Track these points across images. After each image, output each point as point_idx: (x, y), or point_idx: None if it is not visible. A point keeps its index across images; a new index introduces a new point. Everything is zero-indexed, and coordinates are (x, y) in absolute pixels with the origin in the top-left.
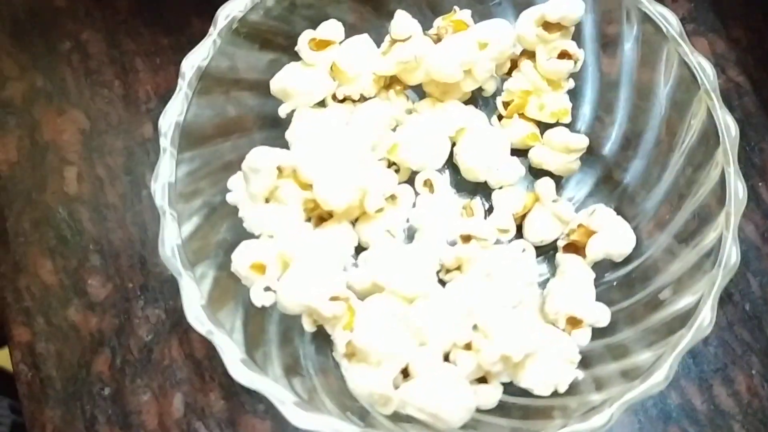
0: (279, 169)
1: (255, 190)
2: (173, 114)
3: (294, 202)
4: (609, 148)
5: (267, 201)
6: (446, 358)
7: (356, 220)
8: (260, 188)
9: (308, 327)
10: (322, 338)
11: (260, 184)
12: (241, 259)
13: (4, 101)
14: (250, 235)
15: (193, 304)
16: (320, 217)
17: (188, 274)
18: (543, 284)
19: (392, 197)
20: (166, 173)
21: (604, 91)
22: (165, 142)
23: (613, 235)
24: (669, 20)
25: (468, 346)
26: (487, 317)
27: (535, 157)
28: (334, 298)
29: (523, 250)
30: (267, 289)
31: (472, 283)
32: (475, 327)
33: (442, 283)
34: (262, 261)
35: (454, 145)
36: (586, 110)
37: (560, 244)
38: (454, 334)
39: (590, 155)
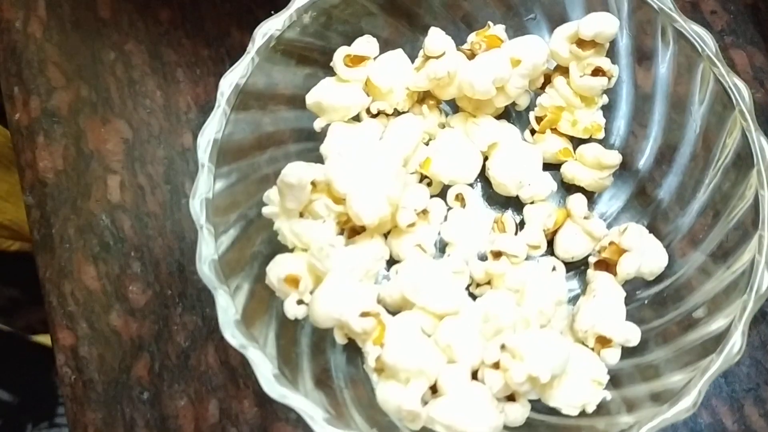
0: (313, 183)
1: (290, 205)
2: (211, 131)
3: (327, 216)
4: (643, 163)
5: (301, 215)
6: (474, 375)
7: (388, 233)
8: (295, 203)
9: (340, 339)
10: (353, 350)
11: (295, 198)
12: (276, 272)
13: (51, 111)
14: (285, 248)
15: (227, 319)
16: (353, 230)
17: (224, 288)
18: (573, 300)
19: (424, 212)
20: (203, 189)
21: (638, 106)
22: (203, 158)
23: (644, 254)
24: (704, 40)
25: (496, 365)
26: (515, 336)
27: (568, 173)
28: (365, 314)
29: (554, 269)
30: (300, 302)
31: (502, 300)
32: (503, 347)
33: (473, 296)
34: (295, 274)
35: (486, 159)
36: (620, 124)
37: (591, 260)
38: (482, 352)
39: (623, 170)
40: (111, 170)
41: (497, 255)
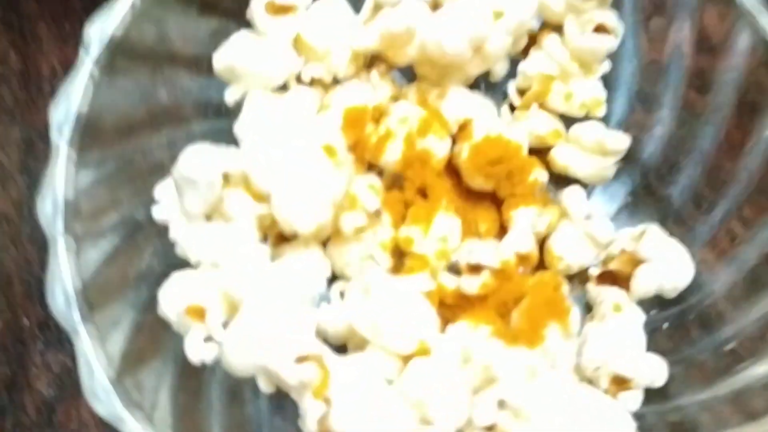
0: (224, 176)
1: (191, 204)
2: (72, 101)
3: (245, 219)
4: (650, 152)
5: (208, 218)
6: None
7: (328, 241)
8: (199, 201)
9: (265, 388)
10: (284, 399)
11: (199, 196)
12: (172, 298)
13: None
14: (186, 264)
15: (92, 376)
16: (281, 237)
17: (88, 328)
18: None
19: (376, 213)
20: (60, 184)
21: (646, 78)
22: (59, 139)
23: (667, 265)
24: None
25: (490, 429)
26: (516, 388)
27: (559, 160)
28: (301, 359)
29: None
30: (208, 339)
31: (485, 334)
32: (501, 404)
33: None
34: (200, 302)
35: (454, 142)
36: (621, 102)
37: (592, 273)
38: (470, 410)
39: (625, 160)
40: None
41: (474, 269)
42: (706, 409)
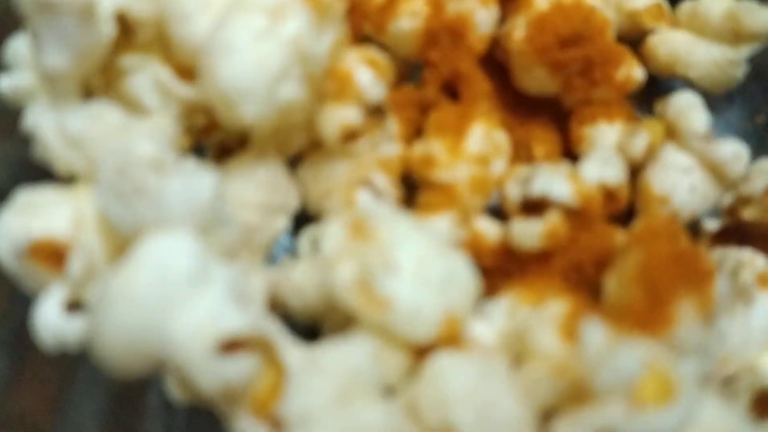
0: (123, 20)
1: (55, 61)
2: None
3: (159, 107)
4: None
5: (89, 94)
6: None
7: (299, 160)
8: (68, 54)
9: (179, 395)
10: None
11: (67, 42)
12: (15, 232)
13: None
14: (46, 177)
15: None
16: (223, 148)
17: None
18: None
19: (379, 111)
20: None
21: None
22: None
23: None
24: None
25: None
26: (630, 410)
27: (662, 51)
28: (230, 346)
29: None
30: (74, 306)
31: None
32: None
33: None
34: (60, 237)
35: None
36: None
37: (709, 227)
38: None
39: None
40: None
41: (533, 208)
42: None
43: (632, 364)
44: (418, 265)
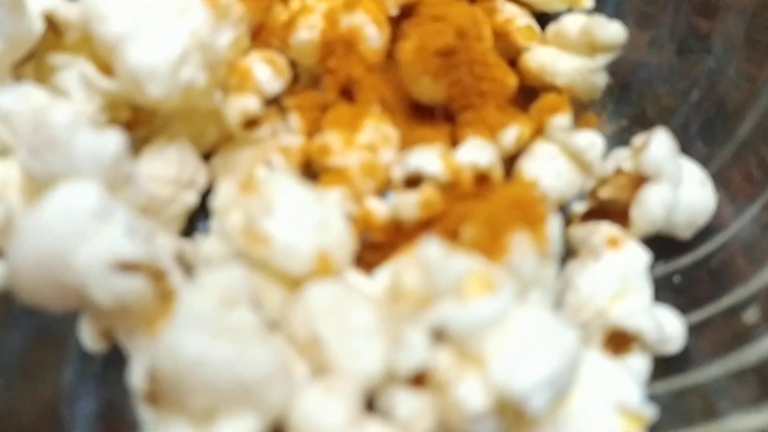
0: (50, 22)
1: None
2: None
3: (85, 97)
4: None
5: (19, 75)
6: (370, 404)
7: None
8: (2, 47)
9: (91, 341)
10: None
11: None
12: None
13: None
14: None
15: None
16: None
17: None
18: None
19: (277, 104)
20: None
21: None
22: None
23: (681, 187)
24: None
25: (419, 380)
26: (464, 310)
27: (533, 63)
28: (126, 267)
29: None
30: None
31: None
32: (439, 333)
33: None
34: None
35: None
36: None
37: (576, 210)
38: (391, 353)
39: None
40: None
41: (412, 182)
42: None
43: (461, 268)
44: (296, 210)
